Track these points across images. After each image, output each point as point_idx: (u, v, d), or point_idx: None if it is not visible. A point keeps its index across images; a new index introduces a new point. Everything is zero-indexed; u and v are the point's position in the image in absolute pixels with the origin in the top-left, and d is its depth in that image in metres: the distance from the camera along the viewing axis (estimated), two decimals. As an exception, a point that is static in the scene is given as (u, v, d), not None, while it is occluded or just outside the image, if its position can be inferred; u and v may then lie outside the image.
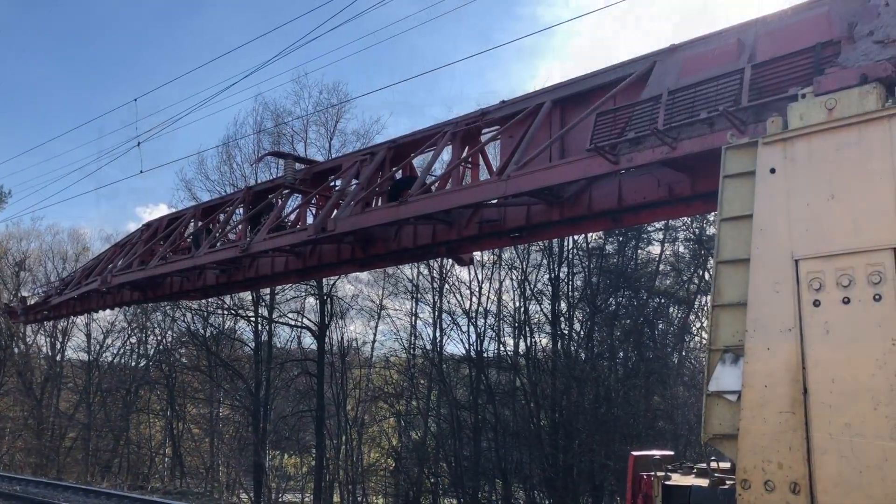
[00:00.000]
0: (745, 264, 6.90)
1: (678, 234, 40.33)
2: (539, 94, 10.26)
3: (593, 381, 39.08)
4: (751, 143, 7.02)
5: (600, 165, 8.64)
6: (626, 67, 9.47)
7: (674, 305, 40.61)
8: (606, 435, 37.36)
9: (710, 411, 7.01)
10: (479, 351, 41.81)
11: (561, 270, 40.93)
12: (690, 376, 38.84)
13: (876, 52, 6.63)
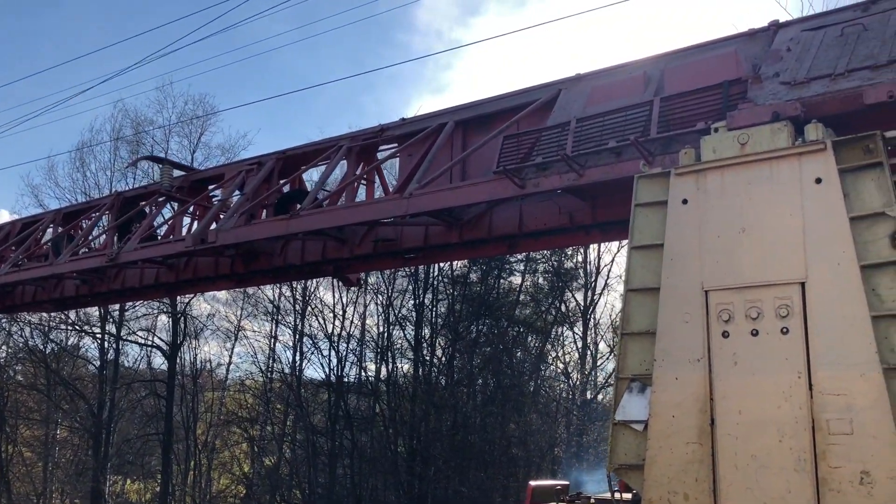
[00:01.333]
0: (654, 293, 6.91)
1: (538, 265, 41.38)
2: (441, 115, 10.07)
3: (451, 408, 39.23)
4: (663, 173, 7.06)
5: (506, 189, 8.52)
6: (530, 93, 9.45)
7: (532, 335, 41.49)
8: (462, 461, 37.53)
9: (616, 441, 6.93)
10: (339, 376, 41.01)
11: (426, 297, 40.92)
12: (545, 404, 39.72)
13: (784, 93, 6.85)
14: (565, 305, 40.48)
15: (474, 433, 39.09)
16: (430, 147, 9.86)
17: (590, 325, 39.61)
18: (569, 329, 40.32)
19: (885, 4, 7.33)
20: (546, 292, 40.96)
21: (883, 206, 6.01)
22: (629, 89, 8.43)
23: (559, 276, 40.07)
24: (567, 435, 38.06)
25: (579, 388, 39.30)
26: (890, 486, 5.62)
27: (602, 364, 39.57)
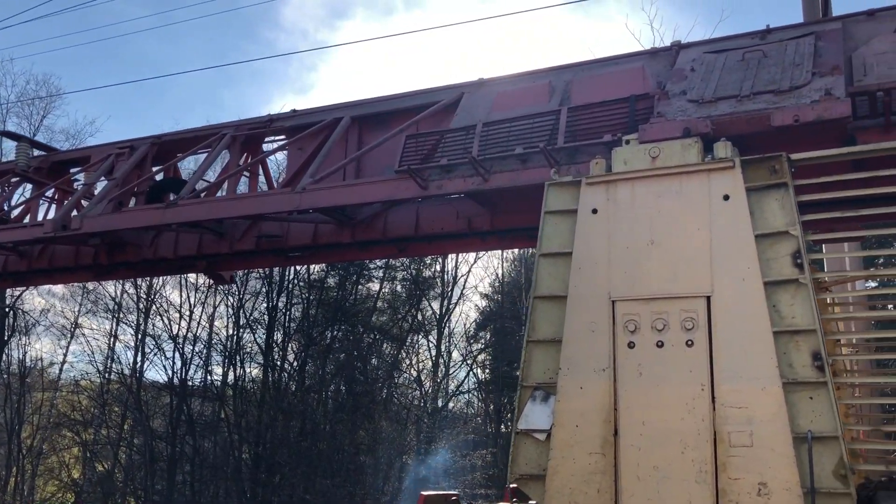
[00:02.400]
0: (560, 301, 6.87)
1: (397, 272, 41.36)
2: (336, 109, 9.69)
3: (300, 414, 38.41)
4: (574, 181, 7.05)
5: (408, 189, 8.27)
6: (431, 94, 9.27)
7: (387, 342, 41.35)
8: (309, 469, 36.80)
9: (518, 450, 6.82)
10: (183, 379, 39.16)
11: (279, 300, 39.89)
12: (396, 411, 39.64)
13: (692, 110, 7.00)
14: (421, 314, 40.61)
15: (323, 440, 38.43)
16: (323, 141, 9.47)
17: (444, 333, 39.88)
18: (424, 337, 40.46)
19: (779, 35, 7.67)
20: (403, 300, 40.95)
21: (786, 225, 6.22)
22: (534, 97, 8.41)
23: (417, 285, 40.18)
24: (417, 442, 38.11)
25: (431, 396, 39.51)
26: (785, 497, 5.79)
27: (454, 372, 39.98)
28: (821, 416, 5.88)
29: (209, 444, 39.63)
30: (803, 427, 5.89)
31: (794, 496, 5.76)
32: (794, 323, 6.08)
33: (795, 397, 5.96)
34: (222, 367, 39.88)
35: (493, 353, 38.79)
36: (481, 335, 40.22)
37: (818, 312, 6.01)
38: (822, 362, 5.91)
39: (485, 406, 39.09)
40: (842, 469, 5.75)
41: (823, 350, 5.94)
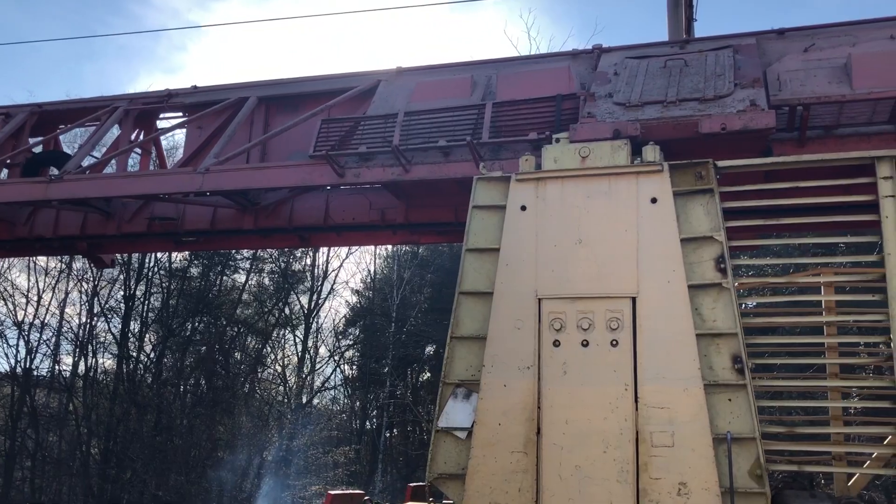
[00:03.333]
0: (485, 297, 6.76)
1: (265, 265, 40.31)
2: (242, 88, 9.20)
3: (156, 408, 36.75)
4: (503, 177, 6.96)
5: (322, 175, 7.94)
6: (345, 80, 8.97)
7: (252, 336, 40.22)
8: (163, 465, 35.27)
9: (437, 449, 6.66)
10: (27, 368, 36.57)
11: (138, 288, 37.97)
12: (258, 407, 38.63)
13: (620, 113, 7.06)
14: (289, 308, 39.72)
15: (179, 435, 36.90)
16: (226, 121, 8.97)
17: (312, 328, 39.17)
18: (290, 332, 39.58)
19: (698, 45, 7.89)
20: (271, 293, 39.91)
21: (710, 230, 6.36)
22: (455, 90, 8.27)
23: (286, 278, 39.26)
24: (279, 439, 37.23)
25: (295, 392, 38.71)
26: (704, 497, 5.91)
27: (321, 368, 39.34)
28: (739, 418, 6.04)
29: (54, 437, 37.23)
30: (722, 428, 6.04)
31: (713, 496, 5.89)
32: (715, 326, 6.23)
33: (715, 399, 6.10)
34: (72, 356, 37.57)
35: (362, 350, 38.47)
36: (350, 331, 39.77)
37: (739, 316, 6.18)
38: (742, 365, 6.08)
39: (351, 403, 38.68)
40: (758, 469, 5.93)
41: (744, 353, 6.11)
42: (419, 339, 36.30)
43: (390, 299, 35.91)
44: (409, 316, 35.31)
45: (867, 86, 6.91)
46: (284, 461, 35.05)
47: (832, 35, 7.54)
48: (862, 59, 7.06)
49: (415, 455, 34.90)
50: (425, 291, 36.59)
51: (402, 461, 36.11)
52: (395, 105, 8.35)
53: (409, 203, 8.56)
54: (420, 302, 36.22)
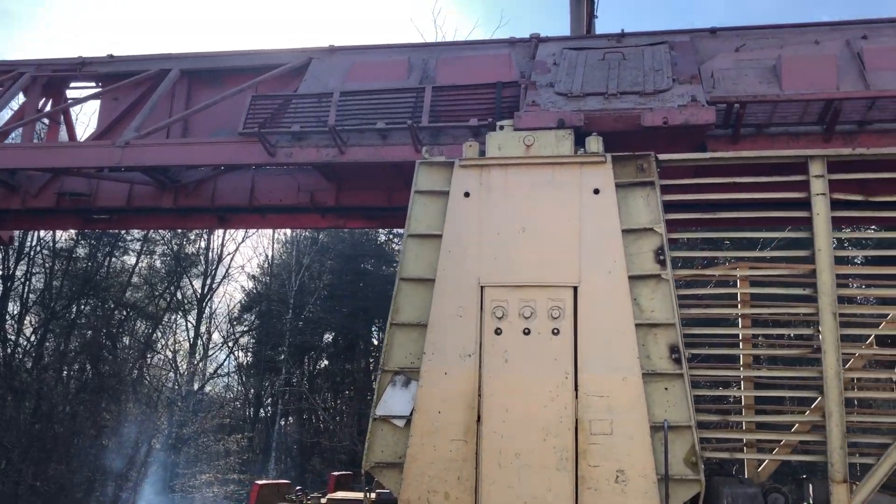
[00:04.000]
0: (426, 284, 6.67)
1: (157, 247, 38.87)
2: (164, 59, 8.73)
3: (35, 394, 34.93)
4: (447, 162, 6.87)
5: (252, 154, 7.64)
6: (275, 56, 8.67)
7: (142, 320, 38.76)
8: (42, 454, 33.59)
9: (374, 437, 6.53)
10: None
11: (18, 267, 35.89)
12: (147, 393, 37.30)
13: (563, 103, 7.08)
14: (181, 292, 38.43)
15: (60, 423, 35.20)
16: (145, 93, 8.52)
17: (205, 314, 38.04)
18: (182, 317, 38.33)
19: (634, 40, 8.00)
20: (162, 276, 38.50)
21: (650, 222, 6.47)
22: (392, 72, 8.12)
23: (178, 261, 37.96)
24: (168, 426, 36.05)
25: (186, 379, 37.54)
26: (641, 484, 6.02)
27: (214, 354, 38.30)
28: (675, 407, 6.18)
29: (-86, 427, 34.88)
30: (659, 416, 6.16)
31: (650, 483, 6.00)
32: (653, 316, 6.34)
33: (652, 388, 6.21)
34: (-59, 339, 35.24)
35: (258, 336, 37.64)
36: (246, 317, 38.84)
37: (677, 307, 6.31)
38: (679, 355, 6.22)
39: (245, 390, 37.81)
40: (692, 457, 6.08)
41: (681, 343, 6.24)
42: (317, 326, 35.83)
43: (288, 285, 35.25)
44: (308, 303, 34.78)
45: (795, 87, 7.18)
46: (173, 449, 33.99)
47: (761, 37, 7.79)
48: (791, 61, 7.33)
49: (310, 443, 34.50)
50: (325, 278, 36.11)
51: (297, 449, 35.60)
52: (329, 84, 8.13)
53: (340, 185, 8.36)
54: (319, 288, 35.75)
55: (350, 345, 36.01)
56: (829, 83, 7.14)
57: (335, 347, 36.72)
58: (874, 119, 6.87)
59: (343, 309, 34.81)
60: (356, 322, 34.43)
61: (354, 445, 31.12)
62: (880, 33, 7.55)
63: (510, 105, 7.43)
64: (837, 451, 5.97)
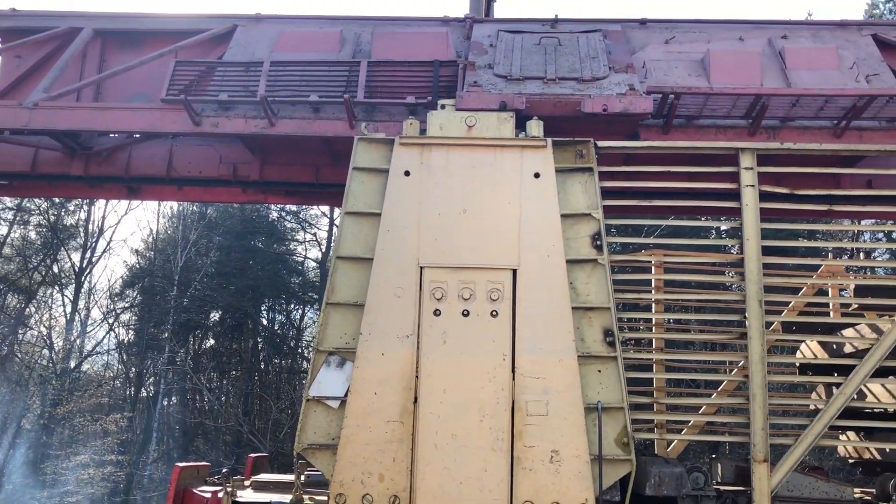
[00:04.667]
0: (364, 263, 6.55)
1: (31, 216, 36.72)
2: (75, 17, 8.14)
3: None
4: (387, 139, 6.74)
5: (175, 122, 7.26)
6: (197, 21, 8.25)
7: (13, 294, 36.59)
8: None
9: (307, 418, 6.38)
10: None
11: None
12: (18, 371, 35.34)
13: (503, 85, 7.07)
14: (58, 265, 36.45)
15: None
16: (53, 52, 7.96)
17: (84, 289, 36.27)
18: (59, 291, 36.39)
19: (568, 26, 8.06)
20: (37, 248, 36.39)
21: (588, 208, 6.56)
22: (323, 44, 7.89)
23: (55, 232, 35.97)
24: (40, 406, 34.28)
25: (61, 356, 35.74)
26: (575, 464, 6.13)
27: (92, 331, 36.60)
28: (608, 389, 6.31)
29: None
30: (593, 398, 6.28)
31: (583, 463, 6.12)
32: (588, 300, 6.44)
33: (586, 370, 6.32)
34: None
35: (140, 313, 36.22)
36: (127, 293, 37.26)
37: (612, 292, 6.44)
38: (614, 338, 6.35)
39: (125, 369, 36.35)
40: (624, 437, 6.24)
41: (615, 327, 6.38)
42: (203, 304, 34.76)
43: (173, 261, 34.02)
44: (194, 280, 33.68)
45: (723, 81, 7.42)
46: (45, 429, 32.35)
47: (689, 30, 8.01)
48: (719, 56, 7.57)
49: (193, 424, 33.57)
50: (212, 255, 35.05)
51: (180, 430, 34.58)
52: (257, 53, 7.82)
53: (265, 159, 8.07)
54: (206, 265, 34.67)
55: (238, 324, 35.15)
56: (754, 79, 7.42)
57: (222, 326, 35.75)
58: (796, 116, 7.19)
59: (231, 287, 33.89)
60: (245, 301, 33.61)
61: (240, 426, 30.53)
62: (799, 34, 7.90)
63: (448, 84, 7.36)
64: (759, 432, 6.25)
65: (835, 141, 7.11)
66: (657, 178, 6.79)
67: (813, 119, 7.18)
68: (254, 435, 29.82)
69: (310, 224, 36.93)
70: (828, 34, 7.84)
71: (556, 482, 6.10)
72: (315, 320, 35.99)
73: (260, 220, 35.98)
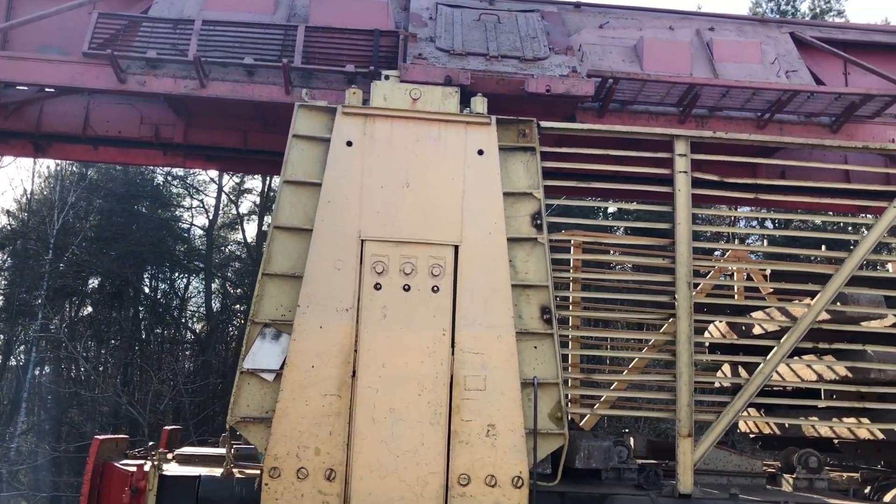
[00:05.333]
0: (302, 234, 6.41)
1: None
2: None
3: None
4: (329, 108, 6.59)
5: (98, 78, 6.85)
6: (119, -30, 7.78)
7: None
8: None
9: (241, 391, 6.21)
10: None
11: None
12: None
13: (446, 59, 7.02)
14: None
15: None
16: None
17: None
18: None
19: (506, 5, 8.08)
20: None
21: (529, 187, 6.63)
22: (257, 5, 7.60)
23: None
24: None
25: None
26: (510, 438, 6.24)
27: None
28: (543, 365, 6.44)
29: None
30: (528, 374, 6.39)
31: (518, 436, 6.23)
32: (527, 278, 6.53)
33: (523, 346, 6.42)
34: None
35: (11, 278, 34.14)
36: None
37: (550, 271, 6.55)
38: (550, 316, 6.47)
39: (-8, 336, 34.24)
40: (558, 412, 6.39)
41: (552, 305, 6.50)
42: (81, 269, 33.13)
43: (49, 223, 32.19)
44: (72, 244, 32.04)
45: (655, 69, 7.64)
46: None
47: (622, 16, 8.19)
48: (651, 44, 7.79)
49: (67, 394, 32.10)
50: (92, 218, 33.43)
51: (52, 400, 32.97)
52: (185, 10, 7.46)
53: (190, 121, 7.74)
54: (85, 229, 33.02)
55: (118, 291, 33.69)
56: (684, 68, 7.67)
57: (101, 294, 34.20)
58: (724, 106, 7.49)
59: (112, 252, 32.45)
60: (125, 267, 32.24)
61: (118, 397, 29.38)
62: (724, 27, 8.21)
63: (387, 55, 7.25)
64: (685, 407, 6.53)
65: (758, 132, 7.45)
66: (591, 161, 6.92)
67: (739, 110, 7.50)
68: (133, 406, 28.79)
69: (197, 190, 35.75)
70: (751, 29, 8.18)
71: (491, 455, 6.19)
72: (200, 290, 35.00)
73: (144, 184, 34.54)
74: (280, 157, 7.85)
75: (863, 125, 7.62)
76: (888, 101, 7.34)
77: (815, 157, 7.73)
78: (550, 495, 6.41)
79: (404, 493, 6.10)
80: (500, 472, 6.18)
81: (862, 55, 8.21)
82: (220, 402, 27.48)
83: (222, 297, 34.50)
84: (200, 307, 34.40)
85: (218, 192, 32.79)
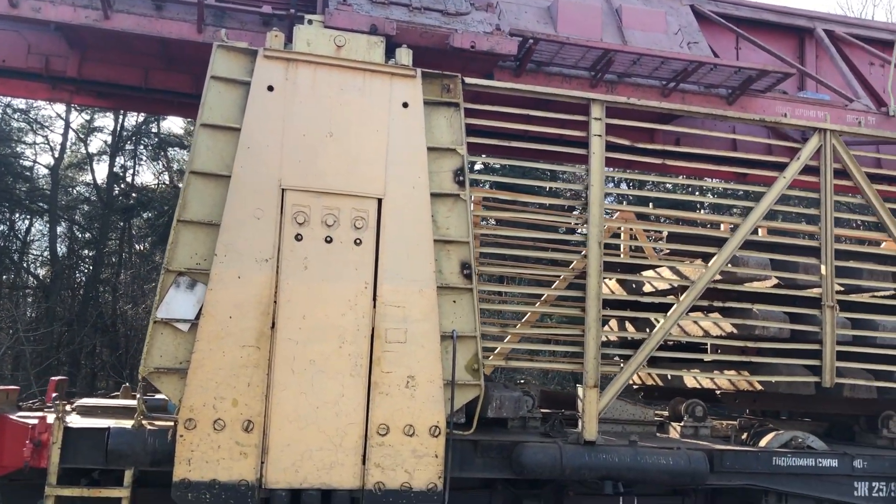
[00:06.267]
0: (220, 180, 6.18)
1: None
2: None
3: None
4: (250, 50, 6.32)
5: (-12, 1, 6.25)
6: None
7: None
8: None
9: (154, 341, 5.96)
10: None
11: None
12: None
13: (369, 7, 6.87)
14: None
15: None
16: None
17: None
18: None
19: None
20: None
21: (452, 143, 6.66)
22: (165, -65, 7.12)
23: None
24: None
25: None
26: (429, 389, 6.34)
27: None
28: (462, 318, 6.55)
29: None
30: (447, 327, 6.48)
31: (437, 387, 6.34)
32: (448, 234, 6.59)
33: (442, 300, 6.50)
34: None
35: None
36: None
37: (471, 227, 6.63)
38: (470, 271, 6.57)
39: None
40: (475, 364, 6.53)
41: (472, 261, 6.60)
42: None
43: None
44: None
45: (568, 31, 7.79)
46: None
47: (535, -23, 8.26)
48: (565, 7, 7.93)
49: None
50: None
51: None
52: (87, -67, 6.89)
53: (85, 55, 7.20)
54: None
55: (-49, 234, 31.08)
56: (595, 33, 7.88)
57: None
58: (633, 73, 7.75)
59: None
60: (-41, 209, 29.74)
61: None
62: (632, -5, 8.46)
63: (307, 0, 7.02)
64: (592, 360, 6.84)
65: (663, 100, 7.79)
66: (509, 120, 7.01)
67: (647, 77, 7.79)
68: (-34, 355, 26.82)
69: (42, 125, 33.21)
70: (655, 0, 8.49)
71: (410, 406, 6.27)
72: (45, 232, 32.73)
73: (-18, 119, 31.79)
74: (184, 98, 7.53)
75: (755, 99, 8.11)
76: (780, 77, 7.84)
77: (707, 126, 8.15)
78: (465, 443, 6.57)
79: (323, 443, 6.09)
80: (419, 421, 6.27)
81: (752, 31, 8.71)
82: (64, 350, 25.99)
83: (69, 242, 32.45)
84: (44, 251, 32.25)
85: (65, 129, 30.51)
